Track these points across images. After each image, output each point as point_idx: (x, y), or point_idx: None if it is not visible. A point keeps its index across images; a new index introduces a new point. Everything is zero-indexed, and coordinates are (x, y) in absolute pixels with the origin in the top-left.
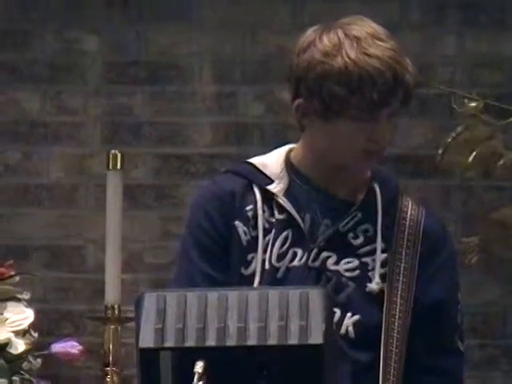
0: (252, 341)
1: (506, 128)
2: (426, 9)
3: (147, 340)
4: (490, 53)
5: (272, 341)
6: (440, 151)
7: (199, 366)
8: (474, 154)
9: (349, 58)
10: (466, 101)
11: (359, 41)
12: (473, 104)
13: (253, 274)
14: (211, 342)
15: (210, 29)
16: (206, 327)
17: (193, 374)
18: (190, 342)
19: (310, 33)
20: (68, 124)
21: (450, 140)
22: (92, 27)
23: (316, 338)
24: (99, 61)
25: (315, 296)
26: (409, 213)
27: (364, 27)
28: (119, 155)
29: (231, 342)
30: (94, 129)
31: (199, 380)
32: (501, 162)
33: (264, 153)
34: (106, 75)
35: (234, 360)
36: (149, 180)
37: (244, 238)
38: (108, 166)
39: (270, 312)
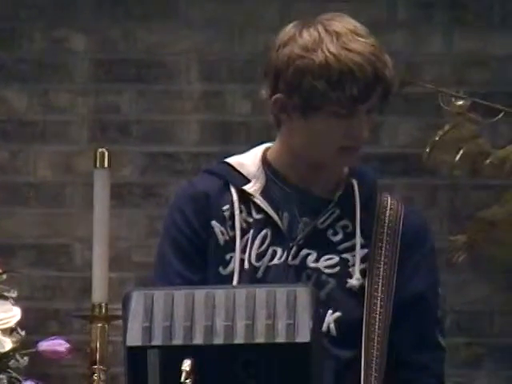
0: (239, 339)
1: (493, 126)
2: (413, 7)
3: (135, 338)
4: (477, 51)
5: (259, 339)
6: (427, 149)
7: (187, 364)
8: (461, 152)
9: (329, 52)
10: (453, 99)
11: (339, 36)
12: (460, 102)
13: (231, 274)
14: (198, 340)
15: (197, 27)
16: (193, 325)
17: (180, 372)
18: (178, 340)
19: (289, 28)
20: (55, 122)
21: (437, 138)
22: (80, 26)
23: (303, 336)
24: (87, 59)
25: (302, 294)
26: (388, 208)
27: (344, 23)
28: (106, 153)
29: (218, 340)
30: (82, 127)
31: (187, 378)
32: (488, 161)
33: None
34: (93, 73)
35: (222, 358)
36: (136, 178)
37: (221, 238)
38: (95, 164)
39: (258, 310)
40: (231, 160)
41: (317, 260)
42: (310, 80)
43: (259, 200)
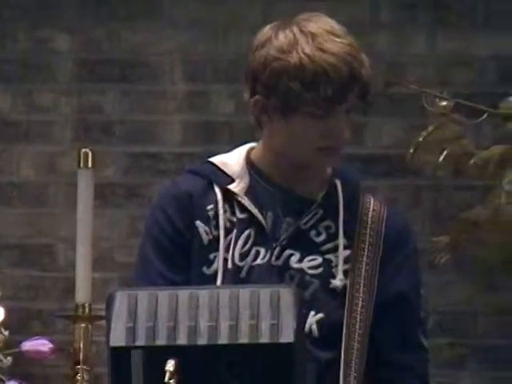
0: (223, 339)
1: (476, 127)
2: (397, 8)
3: (118, 338)
4: (461, 52)
5: (243, 339)
6: (411, 150)
7: (170, 365)
8: (445, 153)
9: (304, 53)
10: (436, 100)
11: (315, 37)
12: (444, 103)
13: (215, 274)
14: (182, 340)
15: (181, 28)
16: (177, 326)
17: (164, 372)
18: (161, 341)
19: (266, 30)
20: (39, 122)
21: (420, 139)
22: (64, 26)
23: (287, 336)
24: (71, 59)
25: (286, 295)
26: (371, 209)
27: (320, 23)
28: (90, 153)
29: (202, 340)
30: (65, 127)
31: (170, 378)
32: (471, 161)
33: None
34: (77, 73)
35: (205, 358)
36: (119, 178)
37: (205, 238)
38: (79, 164)
39: (241, 311)
40: (215, 159)
41: (300, 260)
42: (286, 81)
43: (244, 199)
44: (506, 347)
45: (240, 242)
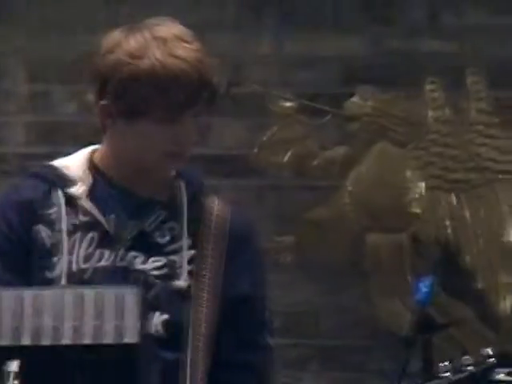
0: (67, 340)
1: (320, 128)
2: (242, 8)
3: None
4: (305, 53)
5: (87, 340)
6: (255, 150)
7: (14, 365)
8: (289, 153)
9: (155, 59)
10: (280, 100)
11: (166, 42)
12: (288, 104)
13: (59, 277)
14: (26, 340)
15: (24, 28)
16: (21, 326)
17: (8, 372)
18: (5, 341)
19: (116, 34)
20: None
21: (264, 139)
22: None
23: (131, 337)
24: None
25: (130, 296)
26: (215, 209)
27: (170, 29)
28: None
29: (46, 341)
30: None
31: (15, 379)
32: (315, 162)
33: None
34: None
35: (50, 359)
36: None
37: (48, 242)
38: None
39: (86, 311)
40: (57, 162)
41: (144, 262)
42: (137, 87)
43: (85, 202)
44: (347, 348)
45: (84, 245)
